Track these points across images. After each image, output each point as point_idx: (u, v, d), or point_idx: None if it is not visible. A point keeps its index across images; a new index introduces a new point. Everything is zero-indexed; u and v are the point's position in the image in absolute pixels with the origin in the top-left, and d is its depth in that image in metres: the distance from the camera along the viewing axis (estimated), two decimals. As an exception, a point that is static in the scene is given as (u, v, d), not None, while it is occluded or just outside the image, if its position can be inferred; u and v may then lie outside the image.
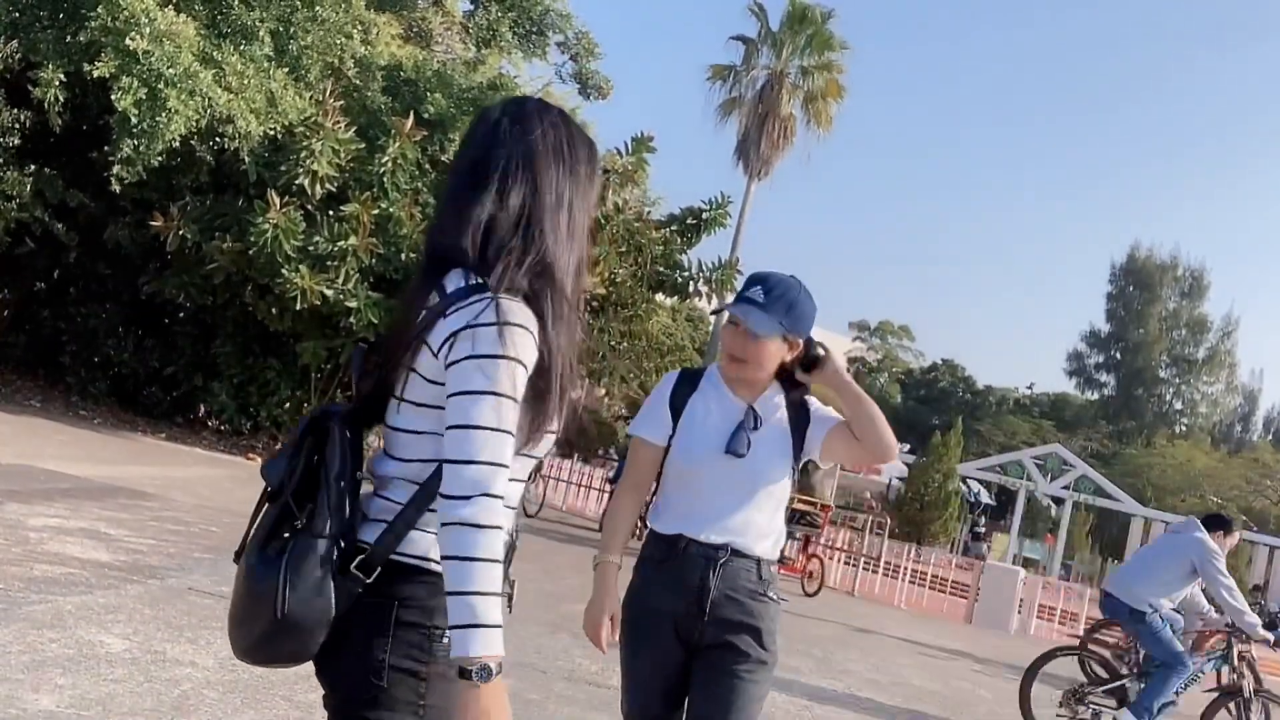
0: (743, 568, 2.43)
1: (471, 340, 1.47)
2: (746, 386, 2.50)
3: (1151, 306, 55.76)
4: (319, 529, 1.48)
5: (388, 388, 1.58)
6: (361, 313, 12.50)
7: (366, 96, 13.93)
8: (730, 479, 2.45)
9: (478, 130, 1.64)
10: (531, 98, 1.73)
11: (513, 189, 1.56)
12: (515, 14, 16.29)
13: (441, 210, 1.65)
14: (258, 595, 1.47)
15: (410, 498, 1.52)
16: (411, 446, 1.55)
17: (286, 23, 12.89)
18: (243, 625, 1.52)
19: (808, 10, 28.81)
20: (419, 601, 1.50)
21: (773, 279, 2.45)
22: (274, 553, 1.48)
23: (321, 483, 1.50)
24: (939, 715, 6.95)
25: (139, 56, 11.00)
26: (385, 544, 1.49)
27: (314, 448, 1.54)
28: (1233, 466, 40.82)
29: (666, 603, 2.44)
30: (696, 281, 14.46)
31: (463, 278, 1.54)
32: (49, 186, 12.80)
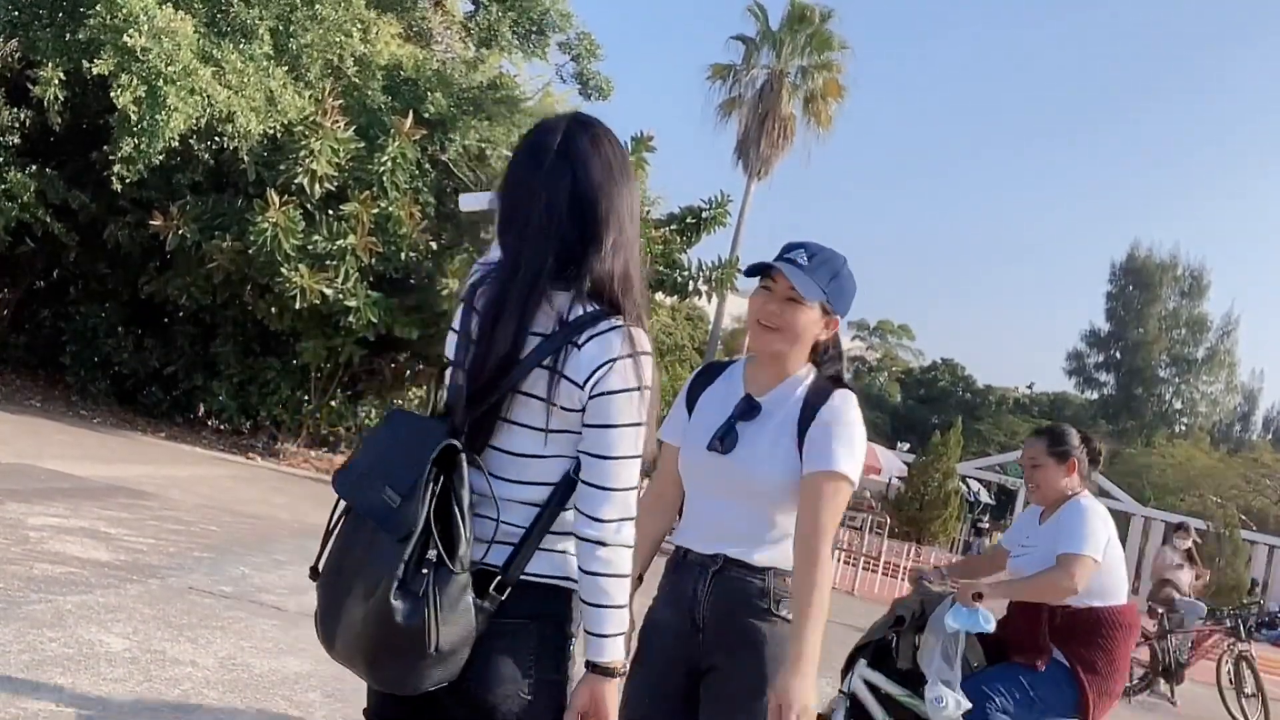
0: (741, 579, 2.13)
1: (615, 373, 1.56)
2: (767, 373, 2.20)
3: (1151, 306, 55.75)
4: (462, 562, 1.52)
5: (493, 412, 1.59)
6: (361, 312, 12.51)
7: (366, 95, 13.93)
8: (720, 479, 2.16)
9: (556, 156, 1.63)
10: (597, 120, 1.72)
11: (611, 218, 1.63)
12: (516, 14, 16.28)
13: (542, 235, 1.61)
14: (407, 631, 1.49)
15: (534, 520, 1.59)
16: (529, 469, 1.61)
17: (286, 21, 12.89)
18: (390, 659, 1.54)
19: (807, 10, 28.80)
20: (552, 617, 1.62)
21: (815, 245, 2.17)
22: (418, 590, 1.49)
23: (456, 515, 1.52)
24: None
25: (138, 54, 11.00)
26: (516, 566, 1.58)
27: (436, 478, 1.53)
28: (1232, 466, 40.81)
29: (665, 617, 2.22)
30: (696, 281, 14.45)
31: (575, 303, 1.58)
32: (49, 186, 12.79)
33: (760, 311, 2.14)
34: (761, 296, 2.15)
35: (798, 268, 2.09)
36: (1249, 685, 9.52)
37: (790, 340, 2.14)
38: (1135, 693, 9.84)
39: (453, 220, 13.83)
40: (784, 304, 2.11)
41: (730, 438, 2.13)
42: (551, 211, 1.61)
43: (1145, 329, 55.52)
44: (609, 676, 1.58)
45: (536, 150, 1.66)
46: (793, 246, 2.16)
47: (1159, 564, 11.14)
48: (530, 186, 1.64)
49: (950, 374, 60.93)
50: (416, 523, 1.49)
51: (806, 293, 2.08)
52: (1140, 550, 29.10)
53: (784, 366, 2.19)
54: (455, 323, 1.71)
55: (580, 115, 1.74)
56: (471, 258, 12.91)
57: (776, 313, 2.12)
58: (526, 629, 1.59)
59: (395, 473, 1.54)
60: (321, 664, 4.52)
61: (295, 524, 8.73)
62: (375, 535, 1.54)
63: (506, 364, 1.58)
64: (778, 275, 2.11)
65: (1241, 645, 9.72)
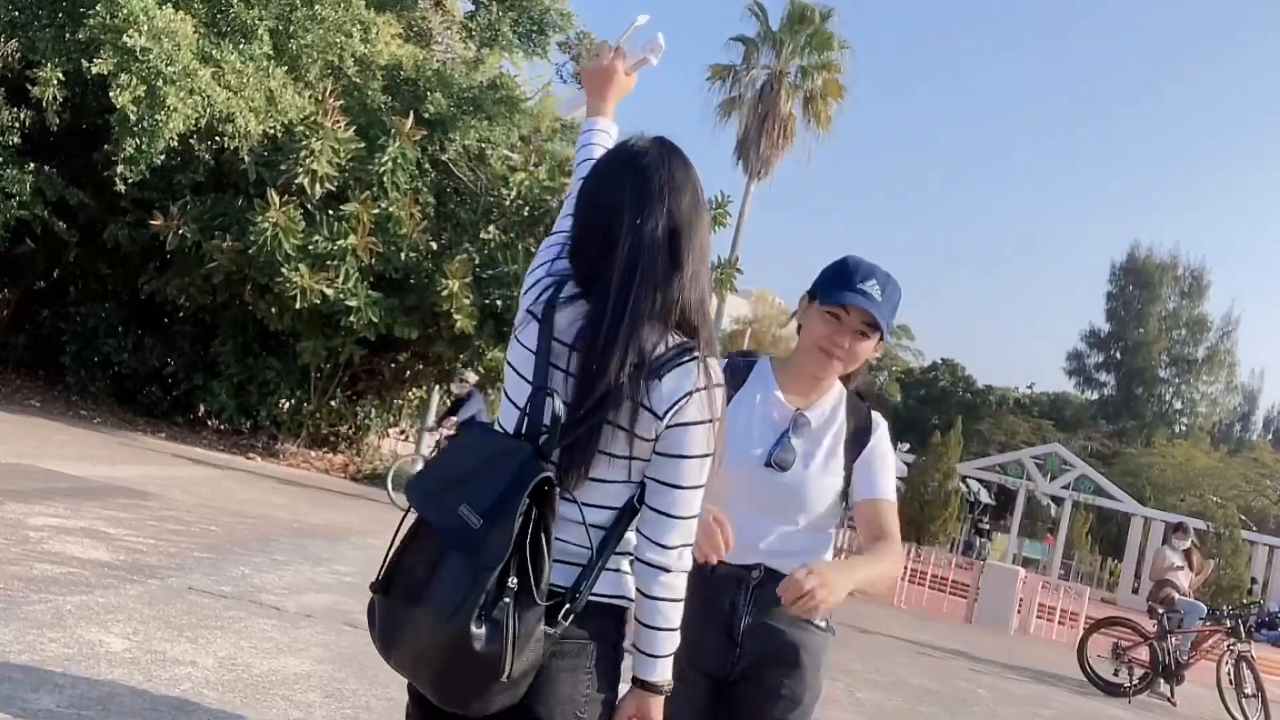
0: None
1: (693, 405, 1.59)
2: (802, 383, 2.19)
3: (1151, 306, 55.78)
4: (543, 595, 1.51)
5: (593, 442, 1.59)
6: (361, 312, 12.51)
7: (366, 96, 13.94)
8: (768, 494, 2.13)
9: (653, 183, 1.64)
10: (679, 148, 1.72)
11: (694, 250, 1.65)
12: (516, 13, 16.27)
13: (641, 269, 1.61)
14: (483, 658, 1.47)
15: (602, 542, 1.62)
16: (600, 494, 1.63)
17: (286, 21, 12.89)
18: (460, 683, 1.52)
19: (807, 10, 28.82)
20: (609, 636, 1.65)
21: (882, 273, 2.12)
22: (500, 618, 1.47)
23: (544, 547, 1.51)
24: (939, 715, 6.95)
25: (137, 54, 11.00)
26: (584, 589, 1.60)
27: (529, 509, 1.50)
28: (1232, 466, 40.80)
29: (694, 630, 2.01)
30: (696, 281, 14.44)
31: (658, 335, 1.60)
32: (49, 185, 12.80)
33: (828, 342, 2.12)
34: (830, 325, 2.11)
35: (874, 302, 2.07)
36: (1249, 685, 9.52)
37: (850, 369, 2.17)
38: (1135, 693, 9.84)
39: (452, 220, 13.84)
40: (855, 337, 2.10)
41: (786, 455, 2.13)
42: (653, 244, 1.62)
43: (1145, 329, 55.53)
44: (658, 694, 1.63)
45: (627, 171, 1.67)
46: (862, 274, 2.10)
47: (1158, 564, 11.13)
48: (619, 210, 1.64)
49: (950, 374, 60.91)
50: (504, 553, 1.47)
51: (886, 330, 2.10)
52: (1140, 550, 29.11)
53: (828, 383, 2.21)
54: (529, 340, 1.66)
55: (667, 141, 1.73)
56: (471, 258, 12.91)
57: (845, 346, 2.11)
58: (585, 649, 1.62)
59: (475, 491, 1.51)
60: (321, 664, 4.51)
61: (295, 524, 8.73)
62: (448, 553, 1.51)
63: (608, 397, 1.58)
64: (851, 308, 2.09)
65: (1241, 645, 9.72)
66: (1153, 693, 9.97)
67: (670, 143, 1.73)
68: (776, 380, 2.21)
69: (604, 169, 1.72)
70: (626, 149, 1.71)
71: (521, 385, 1.65)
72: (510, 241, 13.12)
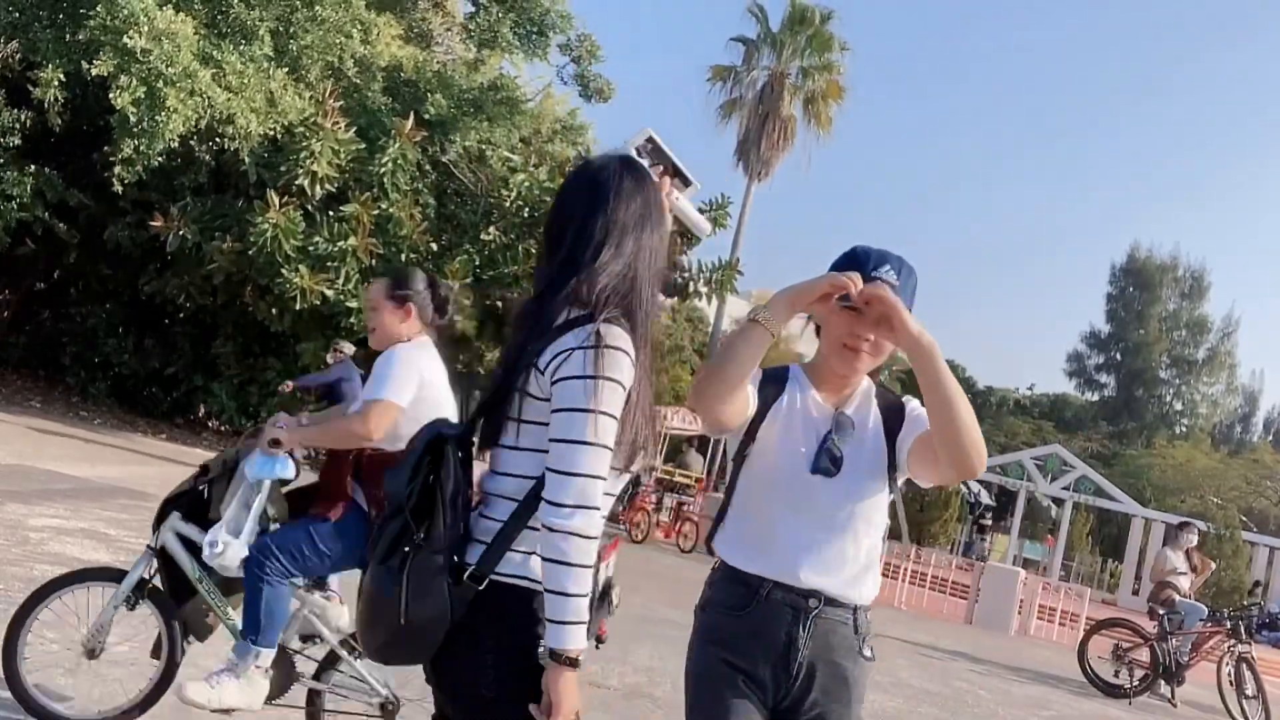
0: (838, 621, 2.02)
1: (573, 360, 1.64)
2: (835, 382, 2.11)
3: (1152, 307, 55.78)
4: (436, 545, 1.65)
5: (503, 410, 1.72)
6: (362, 313, 12.51)
7: (366, 97, 13.94)
8: (818, 504, 2.02)
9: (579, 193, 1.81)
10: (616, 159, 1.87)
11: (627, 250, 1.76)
12: (516, 15, 16.28)
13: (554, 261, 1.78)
14: (383, 603, 1.65)
15: (510, 515, 1.69)
16: (513, 462, 1.72)
17: (286, 22, 12.89)
18: (370, 629, 1.71)
19: (807, 11, 28.81)
20: (511, 618, 1.67)
21: (894, 257, 2.05)
22: (396, 565, 1.64)
23: (438, 502, 1.66)
24: (939, 716, 6.95)
25: (137, 55, 11.00)
26: (487, 563, 1.66)
27: (430, 468, 1.69)
28: (1233, 467, 40.82)
29: (745, 659, 2.02)
30: (696, 282, 14.47)
31: (563, 308, 1.72)
32: (49, 186, 12.81)
33: (851, 337, 2.02)
34: (849, 318, 2.00)
35: (892, 288, 1.96)
36: (1249, 686, 9.51)
37: (879, 363, 2.07)
38: (1136, 694, 9.83)
39: (453, 221, 13.84)
40: (877, 327, 1.99)
41: (831, 458, 2.03)
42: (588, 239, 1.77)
43: (1146, 330, 55.54)
44: (565, 665, 1.60)
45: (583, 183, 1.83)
46: (875, 260, 2.02)
47: (1159, 566, 11.13)
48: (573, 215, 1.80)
49: (951, 375, 60.82)
50: (401, 505, 1.66)
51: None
52: (1141, 552, 29.09)
53: (858, 379, 2.13)
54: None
55: (628, 158, 1.90)
56: (472, 259, 12.92)
57: (870, 338, 2.01)
58: (485, 626, 1.66)
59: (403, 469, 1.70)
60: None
61: (295, 525, 8.72)
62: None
63: (517, 365, 1.71)
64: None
65: (1242, 646, 9.72)
66: (1153, 694, 9.97)
67: (630, 159, 1.89)
68: (815, 383, 2.12)
69: (569, 184, 1.87)
70: (589, 166, 1.87)
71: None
72: (510, 243, 13.13)
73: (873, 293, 1.87)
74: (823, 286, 1.89)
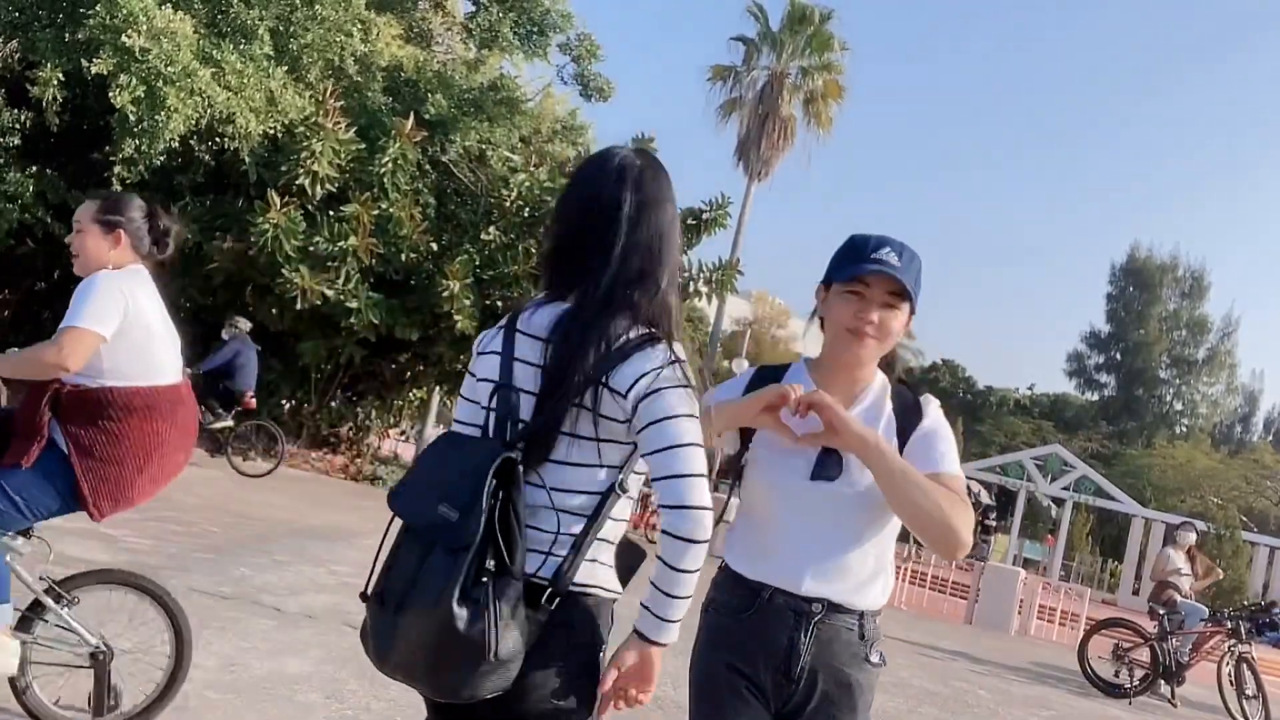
0: (842, 627, 1.98)
1: (662, 377, 1.65)
2: (841, 381, 2.02)
3: (1152, 307, 55.78)
4: (518, 572, 1.61)
5: (553, 425, 1.68)
6: (362, 313, 12.51)
7: (367, 96, 13.93)
8: (820, 510, 1.97)
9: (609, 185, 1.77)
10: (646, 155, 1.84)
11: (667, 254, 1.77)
12: (516, 14, 16.27)
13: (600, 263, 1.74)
14: (468, 638, 1.55)
15: (582, 529, 1.68)
16: (567, 477, 1.69)
17: (286, 21, 12.88)
18: (451, 667, 1.59)
19: (807, 11, 28.82)
20: (591, 623, 1.70)
21: (895, 241, 1.98)
22: (479, 597, 1.56)
23: (515, 526, 1.61)
24: (939, 716, 6.95)
25: (137, 54, 10.99)
26: (566, 576, 1.66)
27: (495, 491, 1.61)
28: (1233, 467, 40.84)
29: (747, 664, 1.98)
30: (697, 282, 14.46)
31: (626, 325, 1.70)
32: (50, 187, 12.79)
33: (854, 321, 1.95)
34: (853, 304, 1.96)
35: (894, 268, 1.93)
36: (1249, 686, 9.51)
37: (886, 348, 2.00)
38: (1136, 694, 9.83)
39: (453, 221, 13.84)
40: (883, 310, 1.95)
41: (832, 463, 1.95)
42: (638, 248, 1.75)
43: (1146, 330, 55.53)
44: (659, 647, 1.66)
45: (625, 180, 1.78)
46: (875, 244, 1.96)
47: (1160, 565, 11.13)
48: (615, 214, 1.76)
49: (951, 375, 60.89)
50: (476, 534, 1.56)
51: (914, 293, 1.95)
52: (1141, 552, 29.10)
53: (866, 373, 2.04)
54: (494, 346, 1.79)
55: (648, 153, 1.86)
56: (472, 259, 12.92)
57: (875, 321, 1.95)
58: (562, 635, 1.66)
59: (451, 489, 1.61)
60: (322, 664, 4.51)
61: (295, 524, 8.74)
62: (431, 551, 1.60)
63: (574, 380, 1.68)
64: (872, 278, 1.94)
65: (1242, 646, 9.72)
66: (1153, 694, 9.97)
67: (653, 156, 1.85)
68: (814, 381, 2.03)
69: (597, 176, 1.80)
70: (615, 159, 1.81)
71: (486, 388, 1.76)
72: (511, 242, 13.12)
73: (811, 399, 1.89)
74: (765, 399, 1.92)
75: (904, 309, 1.97)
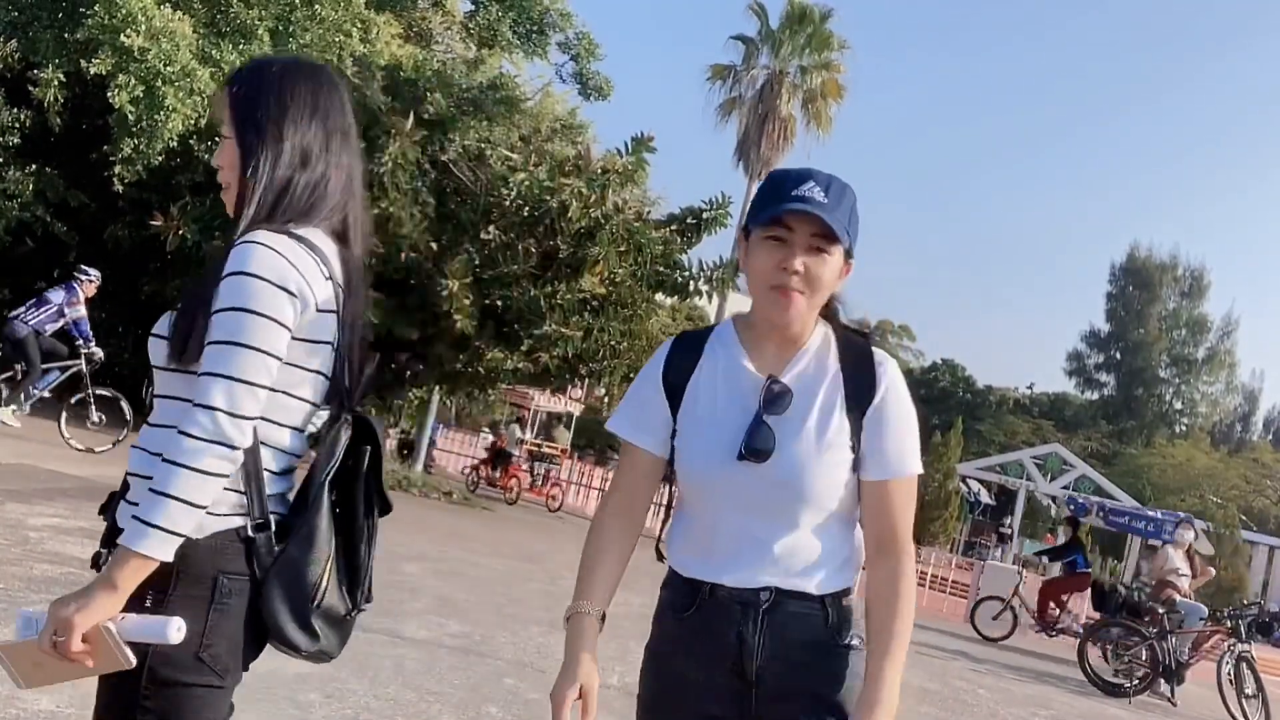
0: (799, 613, 1.66)
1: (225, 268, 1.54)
2: (775, 342, 1.70)
3: (1151, 306, 55.79)
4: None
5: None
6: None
7: (366, 96, 13.92)
8: (754, 493, 1.65)
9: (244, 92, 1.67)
10: (273, 61, 1.76)
11: (267, 144, 1.62)
12: (515, 13, 16.28)
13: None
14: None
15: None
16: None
17: (285, 21, 12.89)
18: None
19: (807, 10, 28.81)
20: (190, 568, 1.56)
21: (822, 174, 1.65)
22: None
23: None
24: (939, 715, 6.95)
25: (135, 54, 11.00)
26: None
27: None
28: (1232, 466, 40.85)
29: (695, 670, 1.69)
30: (697, 281, 14.45)
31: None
32: (49, 186, 12.81)
33: (776, 273, 1.61)
34: (776, 253, 1.62)
35: (818, 204, 1.60)
36: (1249, 686, 9.52)
37: (818, 302, 1.66)
38: (1136, 693, 9.84)
39: (452, 221, 13.83)
40: (809, 256, 1.61)
41: (763, 439, 1.62)
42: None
43: (1145, 329, 55.55)
44: (140, 557, 1.47)
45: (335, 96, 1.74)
46: (798, 179, 1.63)
47: (1160, 564, 11.13)
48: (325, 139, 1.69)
49: (950, 374, 60.93)
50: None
51: (843, 239, 1.62)
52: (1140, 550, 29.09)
53: (801, 332, 1.70)
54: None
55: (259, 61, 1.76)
56: (472, 258, 12.91)
57: (800, 270, 1.61)
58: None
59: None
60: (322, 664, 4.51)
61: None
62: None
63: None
64: (794, 220, 1.61)
65: (1242, 646, 9.72)
66: (1153, 693, 9.97)
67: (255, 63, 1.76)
68: (747, 346, 1.71)
69: (286, 86, 1.67)
70: (290, 66, 1.72)
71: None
72: (510, 242, 13.11)
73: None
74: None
75: (835, 253, 1.63)
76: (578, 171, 13.12)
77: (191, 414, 1.49)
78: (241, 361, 1.50)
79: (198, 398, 1.49)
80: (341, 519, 1.66)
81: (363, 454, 1.68)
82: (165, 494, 1.46)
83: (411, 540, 9.16)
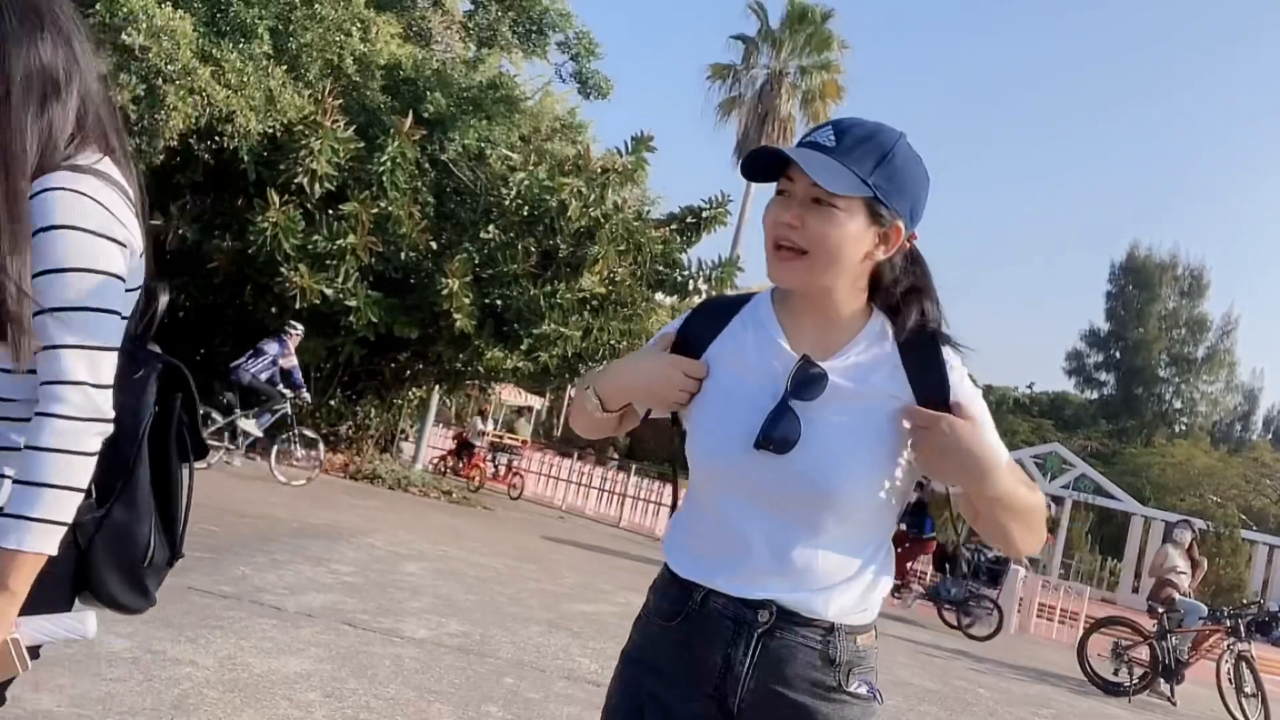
0: (797, 643, 1.42)
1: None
2: (812, 320, 1.45)
3: (1151, 305, 55.79)
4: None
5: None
6: (361, 312, 12.51)
7: (366, 95, 13.93)
8: (774, 488, 1.39)
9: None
10: None
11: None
12: (515, 13, 16.27)
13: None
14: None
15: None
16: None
17: (285, 20, 12.88)
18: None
19: (807, 9, 28.84)
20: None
21: (854, 120, 1.42)
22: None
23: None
24: (939, 715, 6.95)
25: (136, 53, 11.00)
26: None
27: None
28: (1232, 466, 40.83)
29: (670, 690, 1.46)
30: (696, 280, 14.46)
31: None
32: (50, 186, 12.80)
33: (772, 229, 1.41)
34: (776, 202, 1.41)
35: (821, 151, 1.36)
36: (1249, 685, 9.52)
37: (823, 265, 1.39)
38: (1135, 692, 9.84)
39: (452, 220, 13.83)
40: (807, 210, 1.37)
41: (785, 428, 1.37)
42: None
43: (1145, 329, 55.55)
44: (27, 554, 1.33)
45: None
46: (820, 126, 1.43)
47: (1160, 563, 11.13)
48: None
49: (950, 374, 60.87)
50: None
51: (832, 185, 1.33)
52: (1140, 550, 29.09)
53: (835, 308, 1.45)
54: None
55: None
56: (471, 258, 12.92)
57: (794, 224, 1.38)
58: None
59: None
60: (321, 663, 4.51)
61: (295, 524, 8.73)
62: None
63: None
64: (795, 170, 1.38)
65: (1241, 645, 9.72)
66: (1153, 692, 9.97)
67: None
68: (782, 322, 1.48)
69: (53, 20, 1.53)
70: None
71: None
72: (510, 241, 13.12)
73: (923, 419, 1.38)
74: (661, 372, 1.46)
75: (847, 208, 1.36)
76: (577, 171, 13.12)
77: (54, 392, 1.36)
78: (95, 326, 1.39)
79: (56, 374, 1.36)
80: (155, 470, 1.57)
81: (174, 401, 1.61)
82: (43, 484, 1.33)
83: (412, 540, 9.16)
